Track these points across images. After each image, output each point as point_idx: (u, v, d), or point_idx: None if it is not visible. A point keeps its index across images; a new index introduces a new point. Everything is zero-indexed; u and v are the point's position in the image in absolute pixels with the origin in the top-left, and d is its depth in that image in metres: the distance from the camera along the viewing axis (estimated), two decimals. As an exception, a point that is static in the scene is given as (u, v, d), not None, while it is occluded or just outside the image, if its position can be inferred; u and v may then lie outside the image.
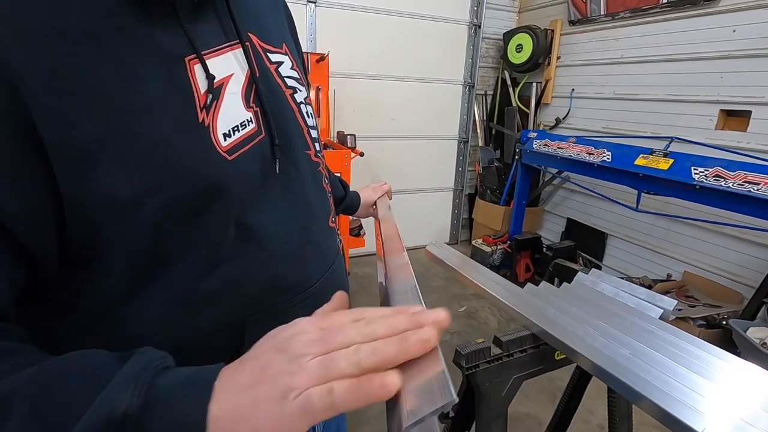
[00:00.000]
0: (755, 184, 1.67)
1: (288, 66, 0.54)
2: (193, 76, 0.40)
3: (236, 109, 0.44)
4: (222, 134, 0.42)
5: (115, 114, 0.35)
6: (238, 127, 0.44)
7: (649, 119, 2.60)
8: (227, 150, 0.42)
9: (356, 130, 2.97)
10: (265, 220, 0.46)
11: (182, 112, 0.39)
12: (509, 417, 0.71)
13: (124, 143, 0.35)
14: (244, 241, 0.44)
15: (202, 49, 0.41)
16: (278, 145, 0.48)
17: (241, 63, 0.46)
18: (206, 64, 0.41)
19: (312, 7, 2.89)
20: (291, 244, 0.49)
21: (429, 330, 0.30)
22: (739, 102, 2.16)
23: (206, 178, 0.40)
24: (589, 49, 2.97)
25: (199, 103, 0.40)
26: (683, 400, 0.49)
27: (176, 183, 0.38)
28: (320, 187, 0.57)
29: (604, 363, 0.56)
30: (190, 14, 0.42)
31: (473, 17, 3.44)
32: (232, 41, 0.46)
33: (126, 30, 0.36)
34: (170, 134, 0.38)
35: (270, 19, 0.55)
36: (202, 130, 0.40)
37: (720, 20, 2.20)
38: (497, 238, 3.28)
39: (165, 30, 0.39)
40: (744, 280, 2.20)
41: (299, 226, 0.50)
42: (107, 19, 0.35)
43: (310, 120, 0.57)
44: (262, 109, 0.47)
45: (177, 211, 0.39)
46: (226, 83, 0.44)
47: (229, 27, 0.46)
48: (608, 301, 0.77)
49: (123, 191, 0.35)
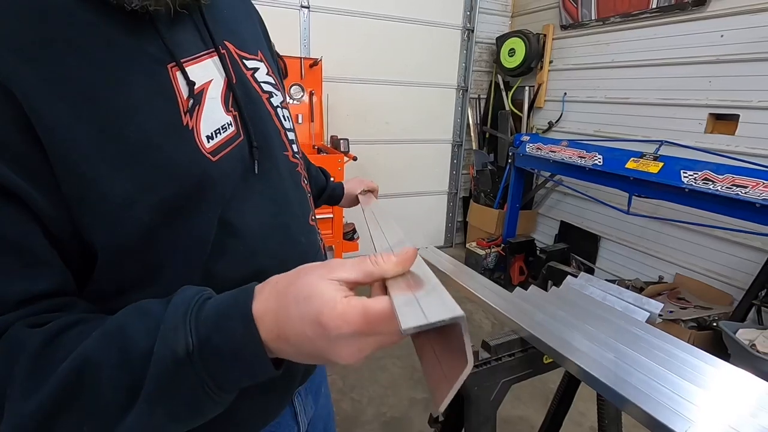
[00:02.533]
0: (743, 187, 1.69)
1: (264, 72, 0.56)
2: (175, 81, 0.42)
3: (217, 114, 0.47)
4: (205, 136, 0.44)
5: (105, 119, 0.37)
6: (219, 130, 0.46)
7: (639, 123, 2.63)
8: (211, 151, 0.44)
9: (351, 134, 2.98)
10: (247, 218, 0.48)
11: (168, 116, 0.41)
12: (502, 420, 0.72)
13: (115, 146, 0.37)
14: (228, 238, 0.46)
15: (182, 56, 0.44)
16: (256, 147, 0.50)
17: (219, 70, 0.48)
18: (185, 70, 0.43)
19: (306, 12, 2.90)
20: (272, 241, 0.51)
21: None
22: (727, 106, 2.19)
23: (193, 178, 0.42)
24: (580, 53, 3.00)
25: (182, 107, 0.42)
26: (668, 404, 0.50)
27: (166, 183, 0.40)
28: (299, 187, 0.60)
29: (589, 367, 0.57)
30: (169, 25, 0.43)
31: (466, 22, 3.47)
32: (210, 50, 0.48)
33: (110, 40, 0.38)
34: (158, 137, 0.40)
35: (245, 28, 0.57)
36: (187, 132, 0.42)
37: (708, 25, 2.23)
38: (491, 241, 3.29)
39: (147, 39, 0.41)
40: (734, 282, 2.22)
41: (280, 223, 0.53)
42: (91, 29, 0.37)
43: (287, 123, 0.59)
44: (240, 113, 0.49)
45: (166, 211, 0.40)
46: (206, 89, 0.46)
47: (206, 36, 0.48)
48: (596, 304, 0.78)
49: (116, 192, 0.37)
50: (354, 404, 1.95)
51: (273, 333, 0.33)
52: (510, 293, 0.77)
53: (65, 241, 0.37)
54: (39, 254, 0.36)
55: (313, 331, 0.32)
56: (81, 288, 0.41)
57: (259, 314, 0.34)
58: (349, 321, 0.32)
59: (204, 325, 0.33)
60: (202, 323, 0.33)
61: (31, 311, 0.36)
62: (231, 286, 0.47)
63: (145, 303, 0.36)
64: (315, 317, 0.32)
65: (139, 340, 0.33)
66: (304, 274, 0.35)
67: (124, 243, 0.39)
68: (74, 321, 0.36)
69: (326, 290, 0.33)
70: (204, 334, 0.33)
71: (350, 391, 2.02)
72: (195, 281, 0.43)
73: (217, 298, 0.36)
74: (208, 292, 0.37)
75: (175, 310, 0.34)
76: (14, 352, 0.33)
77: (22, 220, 0.35)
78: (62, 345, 0.34)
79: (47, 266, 0.37)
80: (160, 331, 0.33)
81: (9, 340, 0.34)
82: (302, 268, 0.36)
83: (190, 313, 0.34)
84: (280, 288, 0.35)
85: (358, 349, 0.33)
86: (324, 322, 0.32)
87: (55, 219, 0.36)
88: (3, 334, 0.34)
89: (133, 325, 0.34)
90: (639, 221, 2.61)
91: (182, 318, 0.33)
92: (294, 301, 0.33)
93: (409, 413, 1.90)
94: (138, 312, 0.35)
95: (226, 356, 0.33)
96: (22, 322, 0.35)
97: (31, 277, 0.36)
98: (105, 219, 0.37)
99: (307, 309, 0.32)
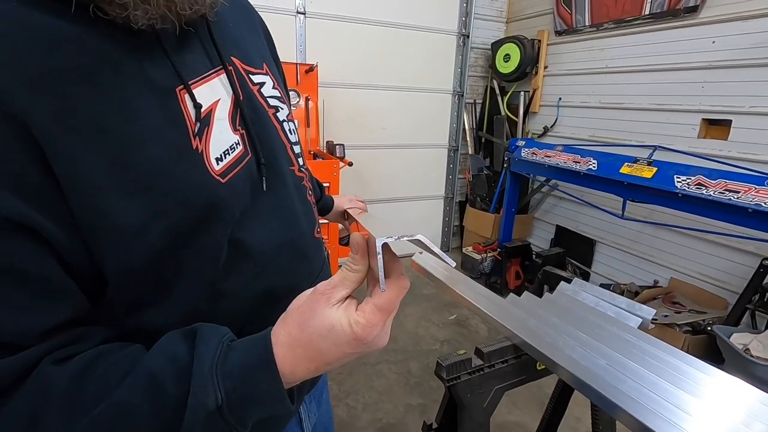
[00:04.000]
0: (735, 192, 1.70)
1: (270, 86, 0.56)
2: (184, 105, 0.42)
3: (225, 134, 0.47)
4: (215, 159, 0.44)
5: (116, 148, 0.37)
6: (228, 150, 0.46)
7: (634, 128, 2.65)
8: (220, 173, 0.44)
9: (347, 139, 2.98)
10: (256, 236, 0.49)
11: (177, 141, 0.41)
12: (498, 426, 0.72)
13: (126, 176, 0.37)
14: (238, 256, 0.47)
15: (189, 77, 0.44)
16: (264, 164, 0.50)
17: (227, 88, 0.49)
18: (193, 94, 0.43)
19: (302, 18, 2.91)
20: (281, 257, 0.52)
21: None
22: (719, 111, 2.21)
23: (204, 201, 0.42)
24: (575, 59, 3.03)
25: (191, 131, 0.42)
26: (660, 412, 0.50)
27: (177, 209, 0.40)
28: (305, 200, 0.60)
29: (581, 374, 0.57)
30: (176, 45, 0.43)
31: (462, 27, 3.49)
32: (217, 67, 0.48)
33: (118, 66, 0.38)
34: (168, 163, 0.40)
35: (250, 41, 0.57)
36: (196, 156, 0.43)
37: (700, 32, 2.26)
38: (487, 246, 3.29)
39: (154, 63, 0.41)
40: (729, 286, 2.23)
41: (288, 239, 0.53)
42: (100, 57, 0.37)
43: (293, 137, 0.60)
44: (248, 130, 0.49)
45: (178, 235, 0.41)
46: (214, 109, 0.46)
47: (213, 53, 0.48)
48: (588, 311, 0.78)
49: (130, 220, 0.37)
50: (350, 410, 1.94)
51: (312, 370, 0.38)
52: (503, 299, 0.77)
53: (79, 268, 0.38)
54: (57, 284, 0.36)
55: (353, 347, 0.37)
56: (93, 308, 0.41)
57: (287, 365, 0.37)
58: (374, 323, 0.37)
59: (230, 378, 0.36)
60: (228, 375, 0.36)
61: (55, 345, 0.36)
62: (240, 304, 0.48)
63: (171, 344, 0.38)
64: (349, 338, 0.37)
65: (170, 390, 0.35)
66: (312, 312, 0.38)
67: (135, 267, 0.39)
68: (97, 355, 0.37)
69: (340, 315, 0.37)
70: (230, 387, 0.36)
71: (345, 397, 2.01)
72: (204, 299, 0.45)
73: (238, 347, 0.39)
74: (228, 337, 0.39)
75: (201, 366, 0.36)
76: (43, 392, 0.34)
77: (40, 253, 0.35)
78: (91, 382, 0.35)
79: (65, 295, 0.37)
80: (191, 387, 0.35)
81: (37, 379, 0.34)
82: (301, 307, 0.39)
83: (215, 366, 0.36)
84: (297, 333, 0.38)
85: (386, 330, 0.40)
86: (359, 336, 0.36)
87: (70, 249, 0.36)
88: (30, 372, 0.35)
89: (164, 372, 0.36)
90: (634, 225, 2.63)
91: (209, 373, 0.36)
92: (320, 337, 0.37)
93: (404, 419, 1.90)
94: (165, 356, 0.37)
95: (253, 404, 0.37)
96: (48, 359, 0.35)
97: (51, 307, 0.36)
98: (118, 247, 0.38)
99: (337, 336, 0.37)
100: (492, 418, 0.74)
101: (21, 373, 0.34)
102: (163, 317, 0.43)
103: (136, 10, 0.36)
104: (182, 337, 0.39)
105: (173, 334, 0.39)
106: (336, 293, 0.38)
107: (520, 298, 0.82)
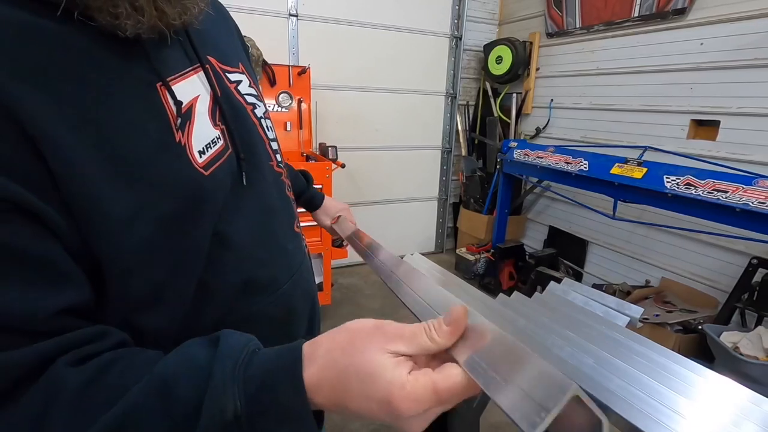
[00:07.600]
0: (723, 192, 1.72)
1: (246, 84, 0.58)
2: (165, 100, 0.43)
3: (206, 129, 0.48)
4: (197, 151, 0.45)
5: (103, 140, 0.38)
6: (209, 144, 0.47)
7: (624, 129, 2.67)
8: (203, 166, 0.46)
9: (340, 141, 2.98)
10: (237, 228, 0.50)
11: (161, 134, 0.42)
12: (491, 426, 0.71)
13: (114, 166, 0.38)
14: (219, 248, 0.48)
15: (169, 73, 0.45)
16: (243, 159, 0.51)
17: (205, 84, 0.50)
18: (172, 89, 0.44)
19: (294, 20, 2.91)
20: (261, 250, 0.53)
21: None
22: (708, 112, 2.23)
23: (189, 192, 0.43)
24: (566, 60, 3.05)
25: (174, 124, 0.43)
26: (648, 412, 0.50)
27: (164, 199, 0.41)
28: (284, 195, 0.62)
29: (569, 373, 0.57)
30: (156, 44, 0.44)
31: (454, 30, 3.50)
32: (195, 65, 0.49)
33: (101, 63, 0.39)
34: (153, 154, 0.41)
35: (226, 42, 0.59)
36: (180, 149, 0.44)
37: (689, 34, 2.28)
38: (481, 247, 3.30)
39: (136, 60, 0.42)
40: (719, 285, 2.25)
41: (268, 232, 0.55)
42: (85, 54, 0.38)
43: (271, 133, 0.61)
44: (227, 126, 0.51)
45: (166, 226, 0.42)
46: (195, 104, 0.47)
47: (190, 52, 0.49)
48: (577, 310, 0.78)
49: (119, 209, 0.38)
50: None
51: (330, 402, 0.34)
52: (493, 299, 0.77)
53: (78, 258, 0.38)
54: (61, 268, 0.36)
55: (381, 410, 0.32)
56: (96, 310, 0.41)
57: (312, 384, 0.33)
58: (420, 401, 0.31)
59: (252, 385, 0.33)
60: (250, 382, 0.33)
61: (69, 341, 0.36)
62: (222, 296, 0.49)
63: (190, 347, 0.37)
64: (384, 399, 0.32)
65: (185, 393, 0.33)
66: (361, 347, 0.34)
67: (127, 258, 0.39)
68: (112, 359, 0.37)
69: (389, 368, 0.32)
70: (251, 395, 0.33)
71: (339, 400, 2.00)
72: (191, 295, 0.45)
73: (264, 356, 0.36)
74: (254, 344, 0.37)
75: (223, 366, 0.34)
76: (55, 391, 0.34)
77: (42, 235, 0.35)
78: (103, 387, 0.34)
79: (71, 279, 0.37)
80: (208, 389, 0.33)
81: (50, 379, 0.34)
82: (356, 333, 0.35)
83: (238, 369, 0.34)
84: (336, 358, 0.34)
85: (426, 419, 0.34)
86: (395, 404, 0.31)
87: (68, 236, 0.36)
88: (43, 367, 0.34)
89: (178, 374, 0.34)
90: (626, 226, 2.65)
91: (230, 375, 0.33)
92: (356, 378, 0.33)
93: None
94: (182, 359, 0.36)
95: (274, 421, 0.33)
96: (64, 359, 0.35)
97: (56, 290, 0.36)
98: (110, 236, 0.38)
99: (373, 389, 0.32)
100: (485, 418, 0.74)
101: (32, 368, 0.34)
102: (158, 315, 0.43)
103: (127, 20, 0.37)
104: (201, 341, 0.37)
105: (195, 339, 0.38)
106: (398, 344, 0.33)
107: (510, 297, 0.82)
